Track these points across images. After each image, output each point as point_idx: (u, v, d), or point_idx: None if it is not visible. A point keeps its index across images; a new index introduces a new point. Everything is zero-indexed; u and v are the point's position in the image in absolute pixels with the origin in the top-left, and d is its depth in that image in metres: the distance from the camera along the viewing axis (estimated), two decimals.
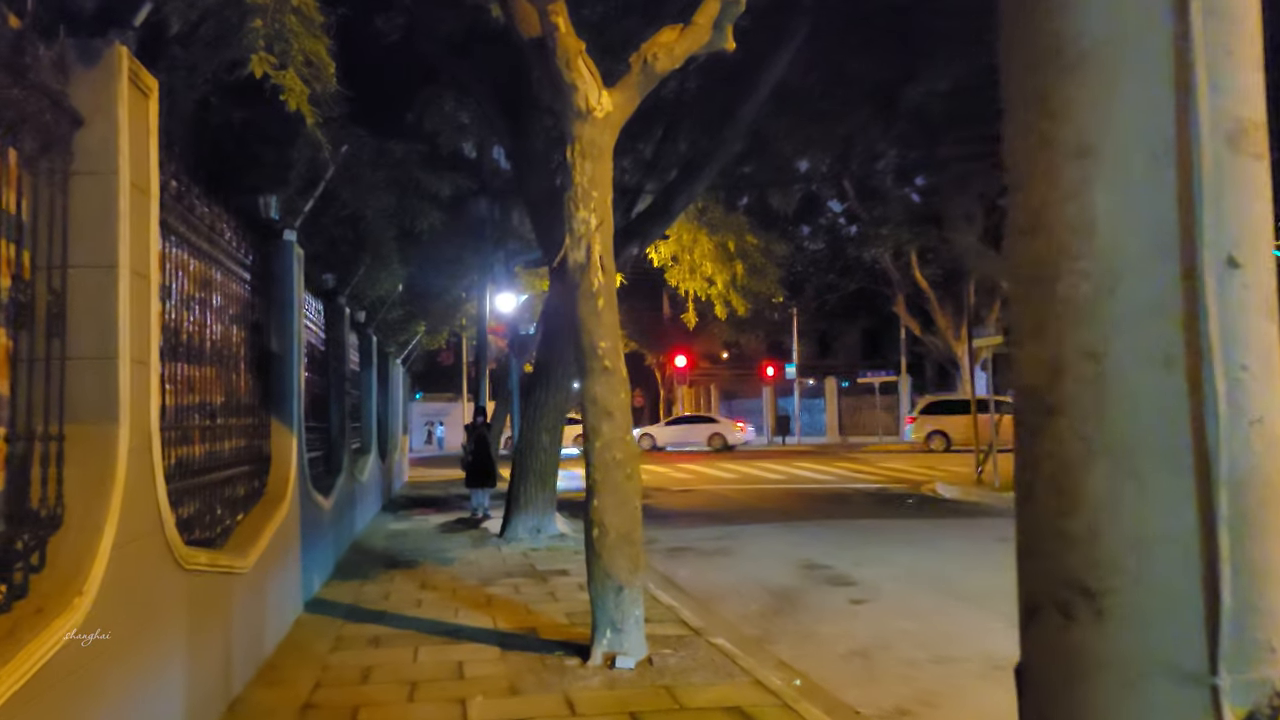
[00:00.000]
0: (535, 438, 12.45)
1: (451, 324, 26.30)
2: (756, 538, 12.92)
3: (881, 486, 21.73)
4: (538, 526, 12.38)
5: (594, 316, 5.97)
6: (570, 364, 12.41)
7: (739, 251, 28.85)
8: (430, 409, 52.95)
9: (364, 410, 15.55)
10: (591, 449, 6.08)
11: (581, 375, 6.03)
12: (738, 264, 28.88)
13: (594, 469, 6.07)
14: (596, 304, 5.96)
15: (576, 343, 6.05)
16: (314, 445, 10.21)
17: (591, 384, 5.99)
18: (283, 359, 7.63)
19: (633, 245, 12.37)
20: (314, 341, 10.40)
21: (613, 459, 6.03)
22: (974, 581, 9.32)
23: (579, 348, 6.05)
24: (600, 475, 6.05)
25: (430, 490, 22.14)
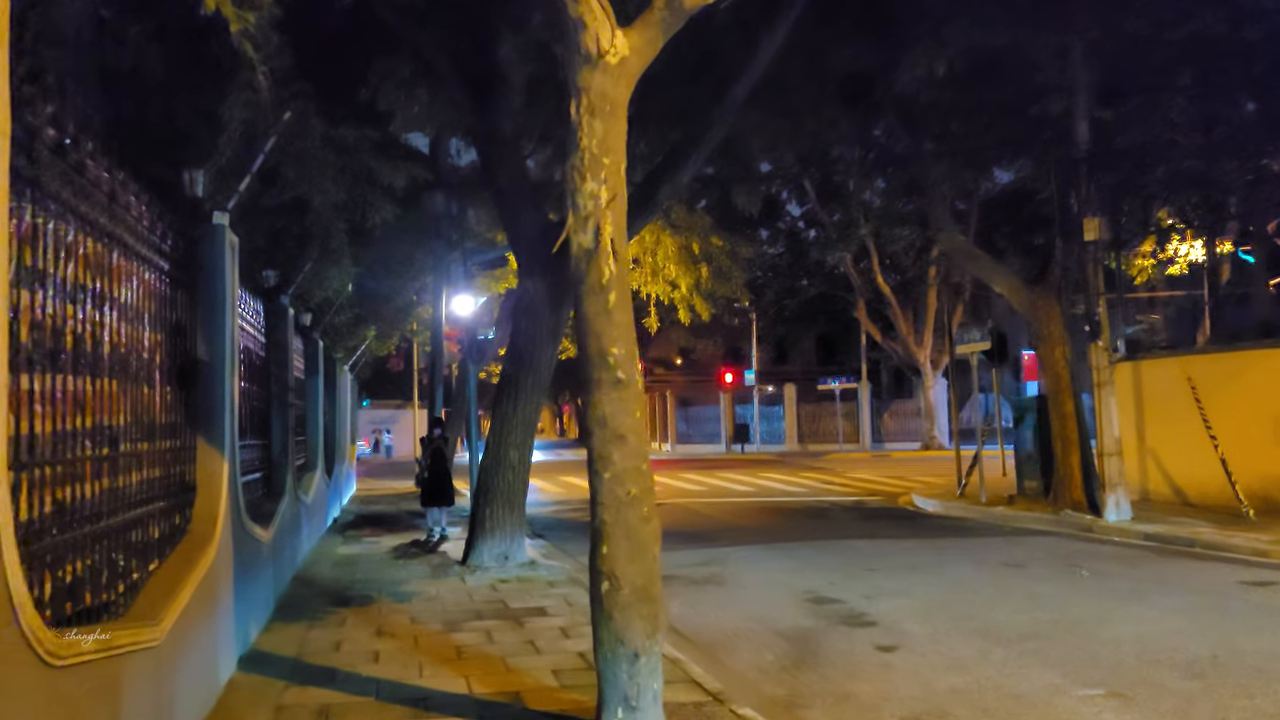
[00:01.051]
0: (502, 455, 11.18)
1: (403, 328, 24.89)
2: (747, 563, 11.76)
3: (857, 500, 20.73)
4: (505, 553, 11.10)
5: (603, 316, 4.75)
6: (541, 372, 11.17)
7: (704, 254, 27.82)
8: (378, 416, 51.27)
9: (310, 422, 14.15)
10: (599, 482, 4.85)
11: (586, 389, 4.80)
12: (703, 266, 27.79)
13: (602, 508, 4.85)
14: (606, 300, 4.74)
15: (581, 349, 4.83)
16: (252, 466, 8.87)
17: (599, 400, 4.76)
18: (212, 367, 6.31)
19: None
20: (252, 346, 9.05)
21: (625, 495, 4.81)
22: (1005, 619, 8.22)
23: (584, 355, 4.81)
24: (610, 516, 4.82)
25: (380, 505, 20.71)
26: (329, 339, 17.52)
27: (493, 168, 11.19)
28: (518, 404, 11.21)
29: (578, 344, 4.89)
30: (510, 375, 11.35)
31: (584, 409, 4.85)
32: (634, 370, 4.81)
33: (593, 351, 4.77)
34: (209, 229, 6.35)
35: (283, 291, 10.51)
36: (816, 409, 47.22)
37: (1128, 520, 14.32)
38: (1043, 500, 16.62)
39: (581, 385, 4.85)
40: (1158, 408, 16.97)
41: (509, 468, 11.18)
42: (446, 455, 14.69)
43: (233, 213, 6.56)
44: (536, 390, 11.29)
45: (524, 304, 11.33)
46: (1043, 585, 9.82)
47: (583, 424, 4.63)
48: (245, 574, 6.99)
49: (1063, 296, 15.95)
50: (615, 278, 4.75)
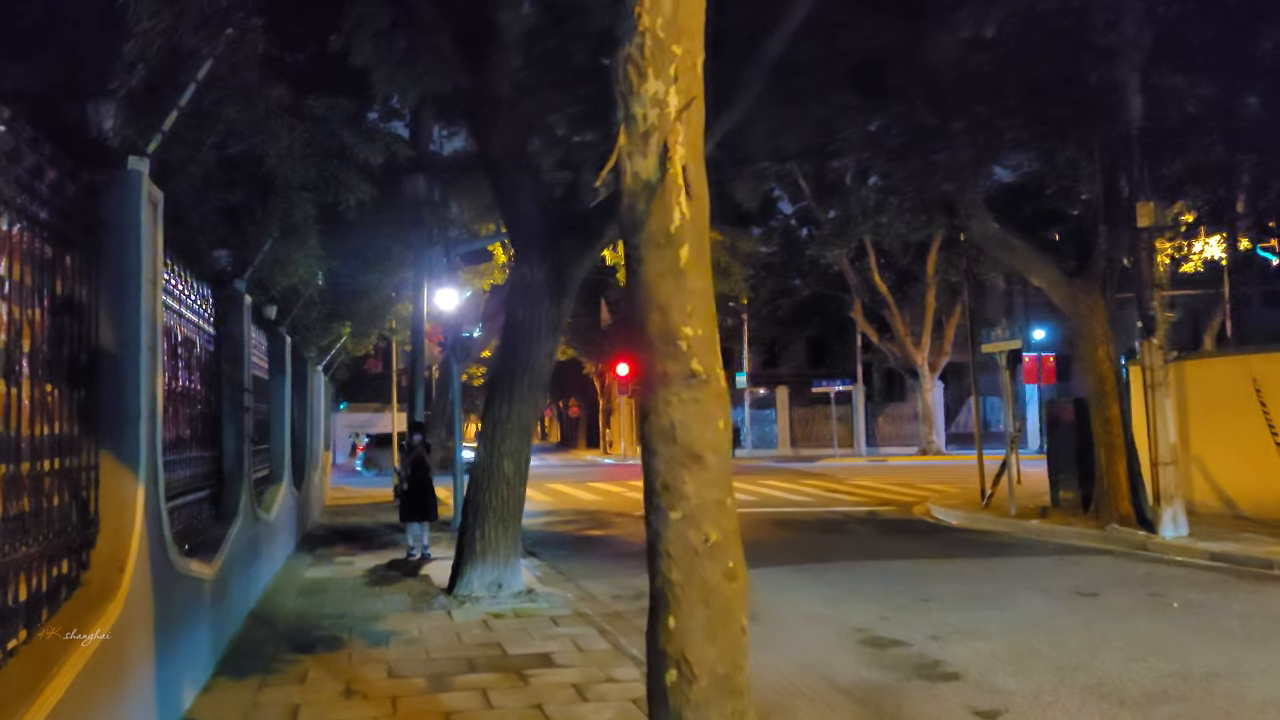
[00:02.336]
0: (495, 465, 9.62)
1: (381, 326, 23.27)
2: (776, 591, 10.23)
3: (870, 510, 19.29)
4: (498, 581, 9.54)
5: (671, 281, 3.22)
6: (539, 370, 9.62)
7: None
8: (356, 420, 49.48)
9: (274, 428, 12.54)
10: (663, 524, 3.32)
11: (647, 387, 3.26)
12: None
13: (668, 561, 3.31)
14: (675, 257, 3.21)
15: (637, 329, 3.29)
16: (195, 483, 7.29)
17: (666, 403, 3.23)
18: (121, 360, 4.74)
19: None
20: (196, 338, 7.47)
21: (703, 543, 3.28)
22: (1118, 672, 6.74)
23: (641, 339, 3.28)
24: (681, 572, 3.29)
25: (355, 516, 19.08)
26: (298, 336, 15.90)
27: (485, 134, 9.64)
28: (512, 406, 9.66)
29: (629, 321, 3.35)
30: (504, 373, 9.80)
31: (642, 416, 3.31)
32: (715, 361, 3.29)
33: (655, 332, 3.24)
34: (118, 177, 4.78)
35: (237, 275, 8.93)
36: (809, 413, 45.78)
37: (1186, 537, 12.89)
38: (1081, 513, 15.19)
39: (643, 383, 3.30)
40: (1204, 412, 15.58)
41: (502, 481, 9.62)
42: (429, 463, 13.11)
43: (154, 159, 4.98)
44: (534, 391, 9.74)
45: (520, 291, 9.79)
46: (1137, 622, 8.34)
47: (642, 436, 3.01)
48: (173, 626, 5.42)
49: (1107, 290, 14.53)
50: (689, 223, 3.22)
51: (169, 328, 6.39)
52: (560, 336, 9.90)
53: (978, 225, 15.07)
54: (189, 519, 6.97)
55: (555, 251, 9.59)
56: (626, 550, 14.11)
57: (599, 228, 9.60)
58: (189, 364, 7.16)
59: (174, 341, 6.57)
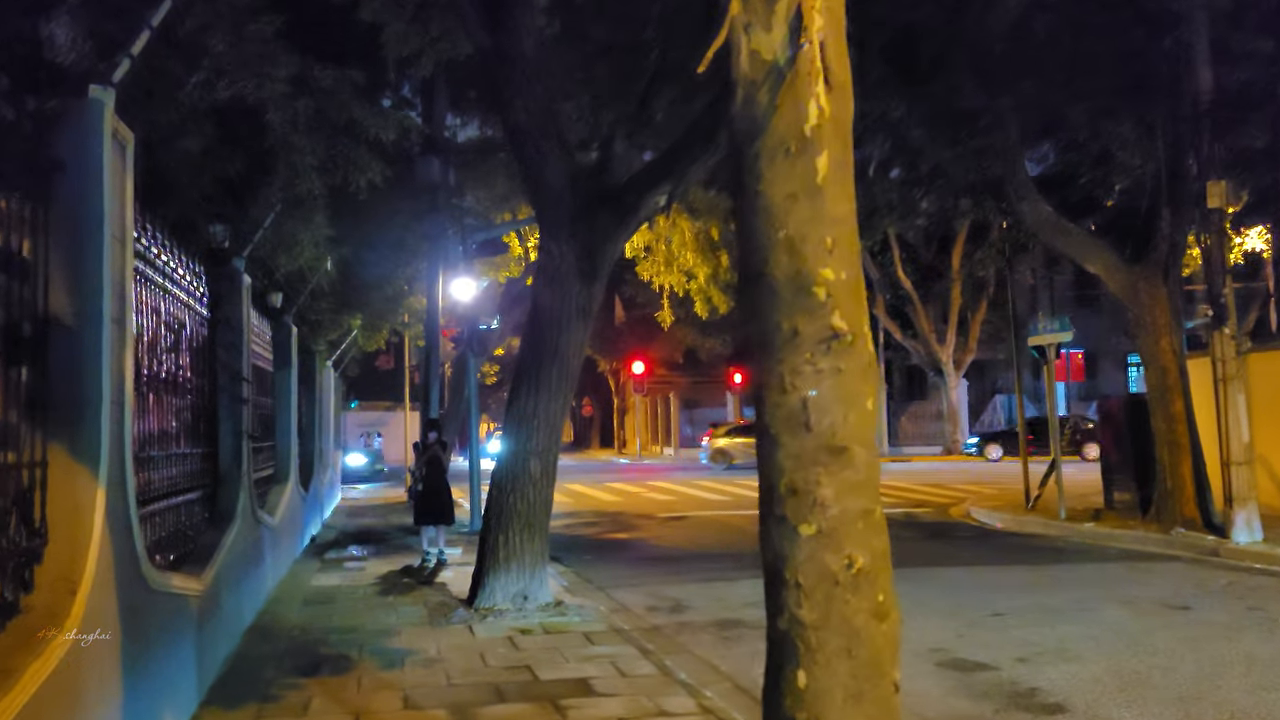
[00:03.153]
0: (520, 465, 8.72)
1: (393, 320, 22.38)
2: None
3: (906, 512, 18.36)
4: (524, 592, 8.64)
5: (805, 203, 2.31)
6: (569, 359, 8.72)
7: (724, 240, 25.37)
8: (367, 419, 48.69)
9: (279, 424, 11.67)
10: (786, 540, 2.40)
11: (765, 355, 2.35)
12: (723, 254, 25.36)
13: (794, 591, 2.39)
14: (810, 169, 2.30)
15: (750, 275, 2.37)
16: (184, 483, 6.40)
17: (797, 374, 2.32)
18: (77, 333, 3.85)
19: (659, 190, 8.71)
20: (187, 321, 6.59)
21: (844, 568, 2.36)
22: (1250, 704, 5.79)
23: (760, 286, 2.36)
24: (813, 610, 2.37)
25: (367, 518, 18.22)
26: (306, 328, 15.05)
27: (508, 98, 8.72)
28: (539, 400, 8.75)
29: (741, 264, 2.44)
30: (529, 364, 8.89)
31: (757, 395, 2.39)
32: (861, 315, 2.37)
33: (780, 277, 2.32)
34: (76, 108, 3.89)
35: (235, 253, 8.05)
36: None
37: (1261, 542, 11.90)
38: (1139, 516, 14.20)
39: (758, 346, 2.38)
40: (1268, 407, 14.59)
41: (529, 482, 8.72)
42: (444, 463, 12.22)
43: (120, 89, 4.09)
44: (563, 383, 8.84)
45: (547, 273, 8.88)
46: (1247, 642, 7.38)
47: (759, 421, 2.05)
48: (146, 652, 4.53)
49: (1170, 276, 13.55)
50: (829, 123, 2.31)
51: (152, 306, 5.51)
52: (591, 323, 8.99)
53: (1029, 208, 14.09)
54: (176, 524, 6.09)
55: (586, 229, 8.69)
56: (655, 555, 13.22)
57: (635, 202, 8.70)
58: (177, 348, 6.28)
59: (158, 319, 5.69)
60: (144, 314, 5.23)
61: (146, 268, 5.31)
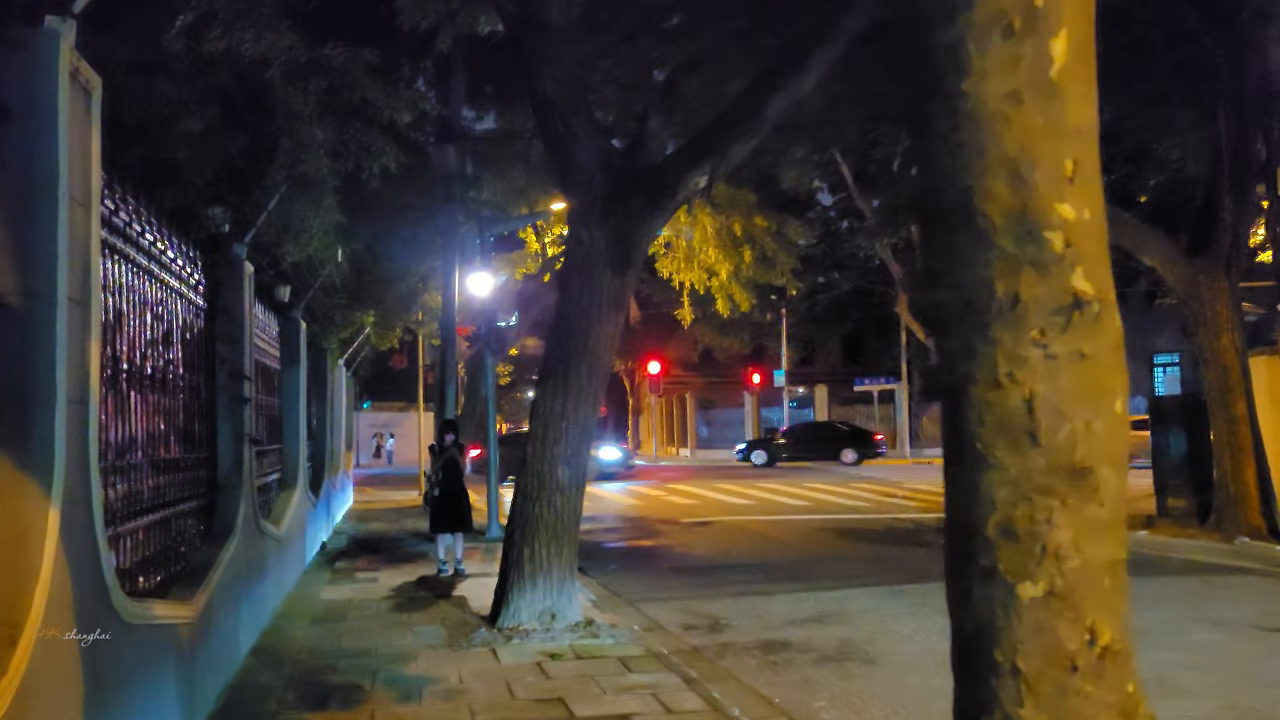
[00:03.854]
0: (547, 471, 7.98)
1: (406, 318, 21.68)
2: (880, 619, 8.56)
3: (940, 517, 17.48)
4: (551, 610, 7.89)
5: (1033, 106, 1.57)
6: (600, 355, 7.98)
7: (746, 236, 24.58)
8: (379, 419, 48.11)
9: (287, 425, 10.95)
10: (997, 602, 1.65)
11: (965, 325, 1.61)
12: (745, 250, 24.58)
13: (1012, 681, 1.66)
14: (1041, 57, 1.56)
15: (945, 211, 1.63)
16: (175, 492, 5.68)
17: (1017, 359, 1.57)
18: (24, 314, 3.12)
19: (699, 170, 7.95)
20: (179, 308, 5.88)
21: (1083, 645, 1.62)
22: None
23: (958, 227, 1.62)
24: (1042, 708, 1.62)
25: (379, 523, 17.51)
26: (317, 326, 14.35)
27: (535, 68, 7.98)
28: (567, 400, 8.01)
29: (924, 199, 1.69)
30: (557, 361, 8.15)
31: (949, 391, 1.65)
32: (1107, 273, 1.61)
33: (992, 213, 1.56)
34: (25, 41, 3.16)
35: (237, 238, 7.33)
36: (849, 412, 43.90)
37: None
38: (1196, 524, 13.37)
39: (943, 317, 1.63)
40: None
41: (556, 490, 7.97)
42: (462, 466, 11.50)
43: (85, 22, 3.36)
44: (593, 381, 8.10)
45: (576, 260, 8.13)
46: None
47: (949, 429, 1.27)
48: (122, 696, 3.82)
49: (1232, 270, 12.73)
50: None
51: (133, 289, 4.79)
52: (624, 315, 8.25)
53: None
54: (164, 541, 5.36)
55: (619, 212, 7.95)
56: (683, 565, 12.46)
57: (673, 183, 7.94)
58: (168, 340, 5.56)
59: (143, 306, 4.97)
60: (121, 298, 4.51)
61: (126, 245, 4.59)
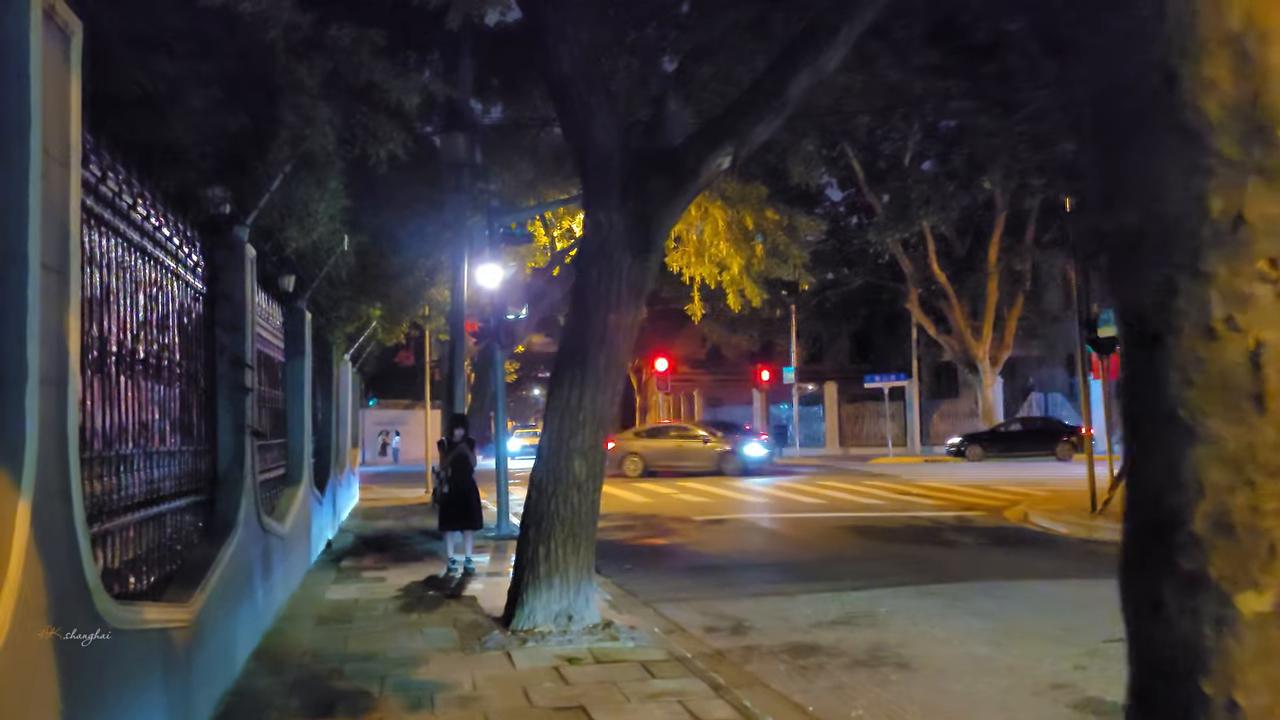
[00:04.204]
0: (563, 466, 7.62)
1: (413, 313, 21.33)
2: (911, 621, 8.19)
3: (958, 516, 17.19)
4: (568, 611, 7.53)
5: None
6: (617, 345, 7.62)
7: (758, 229, 24.19)
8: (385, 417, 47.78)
9: (292, 419, 10.61)
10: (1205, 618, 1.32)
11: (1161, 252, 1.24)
12: (756, 244, 24.17)
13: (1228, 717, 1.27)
14: None
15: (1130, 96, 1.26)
16: (171, 487, 5.32)
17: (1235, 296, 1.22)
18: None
19: (721, 151, 7.57)
20: (176, 290, 5.52)
21: None
22: None
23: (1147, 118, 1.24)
24: None
25: (386, 520, 17.16)
26: (323, 319, 14.01)
27: (552, 46, 7.62)
28: (584, 392, 7.64)
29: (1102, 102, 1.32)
30: (573, 351, 7.78)
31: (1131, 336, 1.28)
32: None
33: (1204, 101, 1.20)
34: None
35: (238, 220, 6.97)
36: (858, 410, 43.54)
37: None
38: None
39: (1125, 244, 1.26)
40: None
41: (573, 485, 7.61)
42: (472, 463, 11.14)
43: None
44: (611, 371, 7.73)
45: (594, 247, 7.76)
46: None
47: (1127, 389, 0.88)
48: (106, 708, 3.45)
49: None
50: None
51: (124, 265, 4.43)
52: (643, 304, 7.88)
53: None
54: (159, 538, 5.01)
55: (639, 195, 7.58)
56: (699, 564, 12.09)
57: (694, 165, 7.57)
58: (164, 324, 5.20)
59: (136, 285, 4.61)
60: (110, 274, 4.15)
61: (115, 218, 4.23)
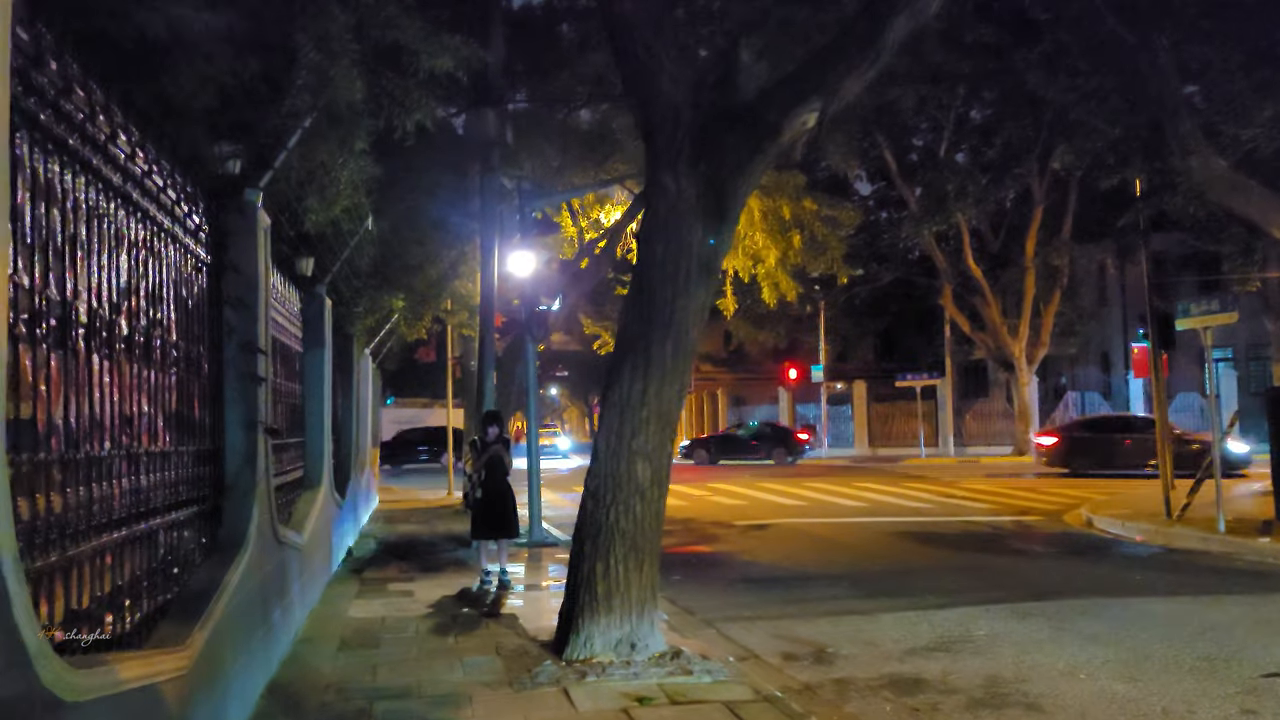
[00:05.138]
0: (623, 469, 6.58)
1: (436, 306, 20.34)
2: (1021, 650, 7.12)
3: (1016, 519, 16.14)
4: (631, 638, 6.49)
5: None
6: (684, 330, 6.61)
7: (795, 220, 23.13)
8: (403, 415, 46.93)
9: (310, 416, 9.62)
10: None
11: None
12: (794, 235, 23.11)
13: None
14: None
15: None
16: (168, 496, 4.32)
17: None
18: None
19: (806, 106, 6.51)
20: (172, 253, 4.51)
21: None
22: None
23: None
24: None
25: (409, 524, 16.19)
26: (343, 309, 13.06)
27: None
28: (648, 384, 6.61)
29: None
30: (634, 337, 6.74)
31: None
32: None
33: None
34: None
35: (250, 182, 5.96)
36: (888, 409, 42.34)
37: None
38: None
39: None
40: None
41: (634, 492, 6.58)
42: (507, 465, 10.12)
43: None
44: (678, 360, 6.69)
45: (659, 215, 6.72)
46: None
47: None
48: None
49: None
50: None
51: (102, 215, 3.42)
52: (716, 282, 6.83)
53: (1199, 164, 11.77)
54: (145, 562, 4.00)
55: (711, 155, 6.55)
56: (753, 575, 11.05)
57: (776, 122, 6.52)
58: (155, 297, 4.20)
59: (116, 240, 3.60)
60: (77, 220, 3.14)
61: (85, 147, 3.22)
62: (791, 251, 23.01)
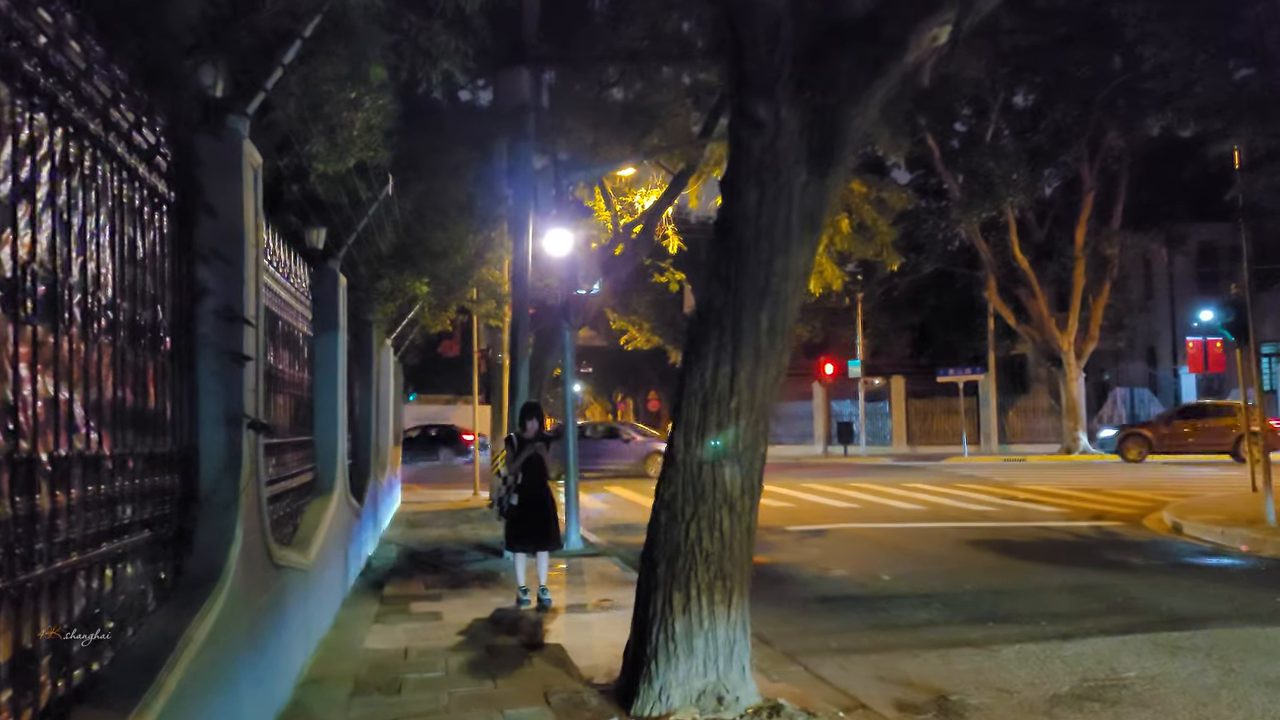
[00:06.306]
0: (707, 475, 5.21)
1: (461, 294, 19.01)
2: (1192, 697, 5.73)
3: (1095, 526, 14.71)
4: (718, 688, 5.13)
5: None
6: (783, 300, 5.23)
7: (842, 203, 21.67)
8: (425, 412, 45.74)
9: (321, 410, 8.29)
10: None
11: None
12: (842, 219, 21.67)
13: None
14: None
15: None
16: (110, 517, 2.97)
17: None
18: None
19: (936, 17, 5.13)
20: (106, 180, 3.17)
21: None
22: None
23: None
24: None
25: (434, 529, 14.88)
26: (361, 292, 11.78)
27: None
28: (737, 368, 5.24)
29: None
30: (721, 312, 5.35)
31: None
32: None
33: None
34: None
35: (236, 109, 4.62)
36: (927, 406, 40.74)
37: None
38: None
39: None
40: None
41: (721, 504, 5.21)
42: (547, 467, 8.78)
43: None
44: (776, 339, 5.32)
45: (753, 157, 5.32)
46: None
47: None
48: None
49: None
50: None
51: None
52: (821, 238, 5.45)
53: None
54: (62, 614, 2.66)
55: (819, 79, 5.17)
56: (828, 592, 9.67)
57: (900, 37, 5.15)
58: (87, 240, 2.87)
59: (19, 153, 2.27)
60: None
61: None
62: (839, 237, 21.59)
